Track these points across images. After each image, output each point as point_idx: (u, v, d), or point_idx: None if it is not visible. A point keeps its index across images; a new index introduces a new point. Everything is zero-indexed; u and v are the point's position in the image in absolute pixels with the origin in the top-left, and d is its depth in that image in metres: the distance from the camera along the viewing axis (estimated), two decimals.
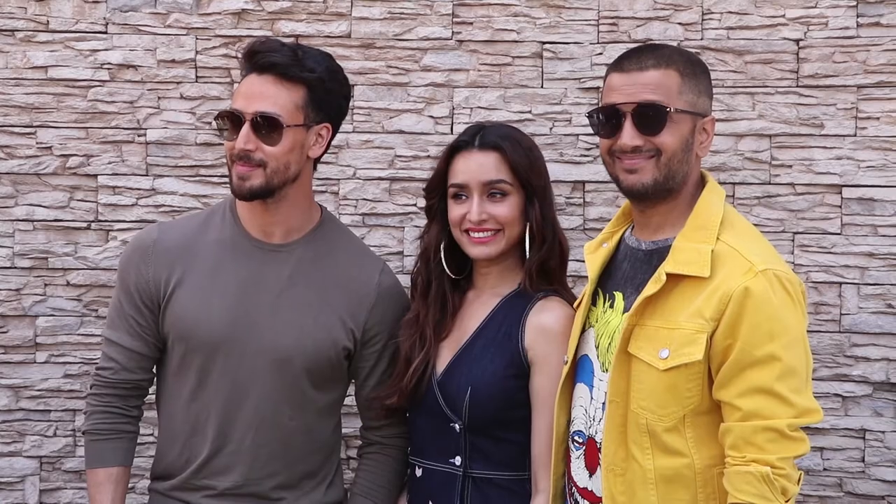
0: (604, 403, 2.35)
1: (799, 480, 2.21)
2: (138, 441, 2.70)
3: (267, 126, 2.50)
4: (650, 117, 2.30)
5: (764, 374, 2.18)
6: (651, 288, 2.28)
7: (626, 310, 2.36)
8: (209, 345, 2.56)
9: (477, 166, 2.58)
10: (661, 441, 2.26)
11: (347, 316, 2.63)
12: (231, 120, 2.53)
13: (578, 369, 2.47)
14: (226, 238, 2.62)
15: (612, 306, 2.42)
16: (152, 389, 2.70)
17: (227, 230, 2.63)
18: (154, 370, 2.68)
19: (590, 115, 2.43)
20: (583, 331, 2.48)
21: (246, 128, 2.49)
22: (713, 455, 2.25)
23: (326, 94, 2.58)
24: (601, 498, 2.36)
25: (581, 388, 2.46)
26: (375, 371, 2.70)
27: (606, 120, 2.35)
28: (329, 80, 2.58)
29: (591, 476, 2.41)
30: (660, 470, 2.27)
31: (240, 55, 2.60)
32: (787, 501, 2.17)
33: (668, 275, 2.26)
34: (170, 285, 2.58)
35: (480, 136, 2.60)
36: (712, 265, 2.24)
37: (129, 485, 2.71)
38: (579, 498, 2.44)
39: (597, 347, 2.42)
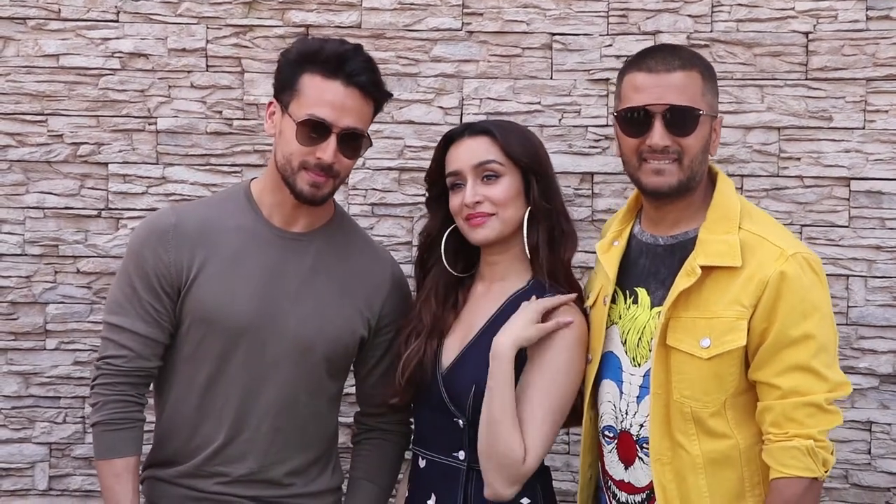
0: (637, 397, 2.41)
1: (833, 452, 2.31)
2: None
3: (352, 141, 2.52)
4: (681, 119, 2.36)
5: (801, 353, 2.27)
6: (685, 281, 2.33)
7: (654, 304, 2.41)
8: (232, 331, 2.56)
9: (467, 151, 2.60)
10: (706, 426, 2.34)
11: (365, 305, 2.66)
12: (313, 127, 2.50)
13: (603, 366, 2.51)
14: (246, 225, 2.61)
15: (635, 302, 2.45)
16: None
17: (246, 217, 2.62)
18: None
19: (617, 115, 2.45)
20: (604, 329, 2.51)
21: (333, 141, 2.50)
22: (753, 433, 2.34)
23: (382, 107, 2.65)
24: (639, 488, 2.41)
25: (608, 385, 2.49)
26: (384, 360, 2.72)
27: (635, 120, 2.39)
28: (387, 93, 2.63)
29: (626, 468, 2.45)
30: (707, 454, 2.34)
31: (304, 48, 2.56)
32: (826, 472, 2.27)
33: (701, 267, 2.32)
34: (192, 270, 2.56)
35: (472, 125, 2.64)
36: (742, 254, 2.32)
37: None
38: (616, 490, 2.49)
39: (624, 344, 2.45)
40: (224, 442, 2.58)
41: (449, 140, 2.65)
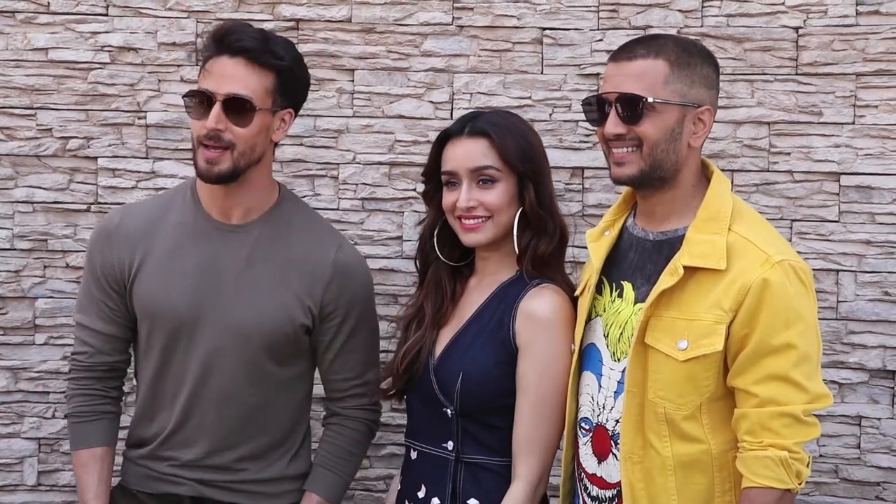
0: (615, 392, 2.39)
1: (808, 464, 2.26)
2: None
3: (238, 108, 2.56)
4: (629, 108, 2.33)
5: (781, 362, 2.22)
6: (668, 280, 2.30)
7: (637, 300, 2.39)
8: (171, 325, 2.64)
9: (464, 153, 2.59)
10: (679, 429, 2.30)
11: (304, 293, 2.68)
12: (201, 100, 2.57)
13: (584, 358, 2.49)
14: (187, 220, 2.68)
15: (620, 296, 2.43)
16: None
17: (187, 212, 2.69)
18: (130, 350, 2.77)
19: (583, 104, 2.46)
20: (588, 319, 2.50)
21: (217, 108, 2.54)
22: (728, 440, 2.30)
23: (293, 81, 2.66)
24: (611, 484, 2.40)
25: (588, 377, 2.48)
26: (333, 345, 2.74)
27: (595, 109, 2.41)
28: (296, 67, 2.66)
29: (600, 462, 2.44)
30: (678, 457, 2.31)
31: (205, 36, 2.66)
32: (799, 484, 2.23)
33: (685, 267, 2.29)
34: (133, 268, 2.66)
35: (471, 124, 2.62)
36: (727, 257, 2.27)
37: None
38: (588, 483, 2.47)
39: (606, 337, 2.44)
40: (174, 428, 2.68)
41: (446, 137, 2.64)
